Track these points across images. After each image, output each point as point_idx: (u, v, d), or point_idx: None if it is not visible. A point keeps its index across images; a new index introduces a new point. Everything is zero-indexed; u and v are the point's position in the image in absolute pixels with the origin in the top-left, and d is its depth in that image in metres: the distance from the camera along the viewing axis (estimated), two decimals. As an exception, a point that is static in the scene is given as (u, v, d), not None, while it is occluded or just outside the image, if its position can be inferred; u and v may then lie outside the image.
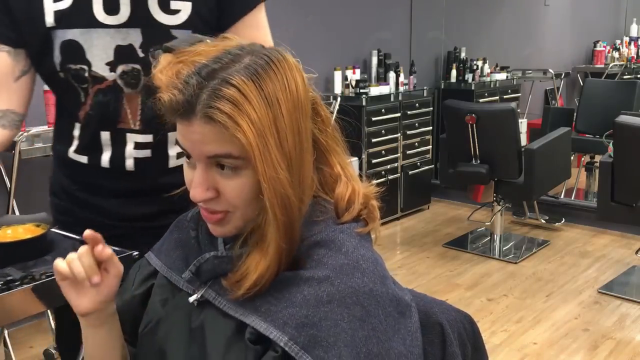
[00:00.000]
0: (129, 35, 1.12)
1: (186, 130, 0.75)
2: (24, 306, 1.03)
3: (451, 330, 0.88)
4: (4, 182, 2.60)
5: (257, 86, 0.73)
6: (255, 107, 0.72)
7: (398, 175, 4.42)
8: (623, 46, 6.75)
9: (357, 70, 4.32)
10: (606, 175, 3.09)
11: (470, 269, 3.61)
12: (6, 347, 2.54)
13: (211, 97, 0.72)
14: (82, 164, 1.22)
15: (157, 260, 0.92)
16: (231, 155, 0.75)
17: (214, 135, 0.74)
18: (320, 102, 0.84)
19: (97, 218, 1.22)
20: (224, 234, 0.83)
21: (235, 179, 0.77)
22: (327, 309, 0.74)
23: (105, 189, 1.23)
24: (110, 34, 1.12)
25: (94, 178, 1.23)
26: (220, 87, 0.72)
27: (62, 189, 1.29)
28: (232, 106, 0.72)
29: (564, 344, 2.74)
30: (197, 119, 0.73)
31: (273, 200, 0.74)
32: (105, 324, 0.88)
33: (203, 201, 0.78)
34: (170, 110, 0.75)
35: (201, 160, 0.77)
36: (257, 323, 0.76)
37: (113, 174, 1.21)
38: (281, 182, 0.74)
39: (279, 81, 0.75)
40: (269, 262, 0.76)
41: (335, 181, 0.84)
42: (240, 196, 0.77)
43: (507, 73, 5.35)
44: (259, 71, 0.74)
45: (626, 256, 3.76)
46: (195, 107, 0.73)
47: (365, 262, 0.78)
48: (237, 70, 0.73)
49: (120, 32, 1.12)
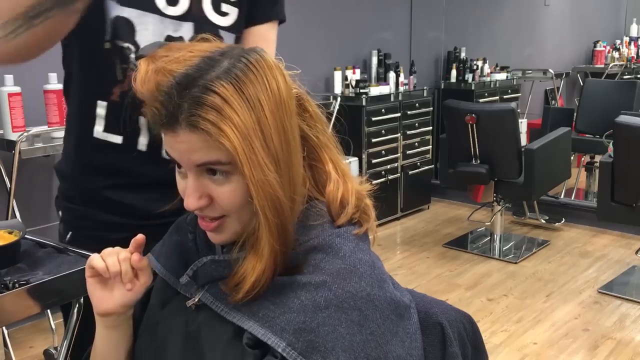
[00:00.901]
0: (182, 27, 1.14)
1: (173, 140, 0.75)
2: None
3: (451, 330, 0.88)
4: (4, 182, 2.60)
5: (237, 90, 0.72)
6: (238, 111, 0.72)
7: (398, 175, 4.42)
8: (623, 46, 6.75)
9: (357, 70, 4.32)
10: (606, 175, 3.09)
11: (470, 269, 3.61)
12: (6, 347, 2.54)
13: (193, 105, 0.72)
14: (115, 145, 1.16)
15: (157, 263, 0.92)
16: (220, 162, 0.75)
17: (200, 143, 0.73)
18: (307, 97, 0.84)
19: (121, 220, 1.18)
20: (223, 241, 0.83)
21: (227, 185, 0.76)
22: (324, 314, 0.74)
23: (135, 176, 1.17)
24: (165, 23, 1.13)
25: (126, 162, 1.16)
26: (201, 95, 0.72)
27: (82, 191, 1.22)
28: (214, 112, 0.72)
29: (564, 344, 2.74)
30: (182, 128, 0.73)
31: (263, 202, 0.74)
32: (121, 327, 0.88)
33: (198, 209, 0.78)
34: (155, 122, 0.76)
35: (191, 169, 0.77)
36: (254, 329, 0.75)
37: (148, 159, 1.16)
38: (270, 184, 0.74)
39: (259, 82, 0.74)
40: (265, 265, 0.76)
41: (327, 179, 0.84)
42: (234, 201, 0.77)
43: (507, 73, 5.35)
44: (239, 74, 0.73)
45: (626, 256, 3.76)
46: (178, 117, 0.73)
47: (363, 265, 0.78)
48: (217, 75, 0.73)
49: (174, 23, 1.13)
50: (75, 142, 1.21)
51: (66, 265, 1.09)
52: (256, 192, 0.74)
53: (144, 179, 1.17)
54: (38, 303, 1.02)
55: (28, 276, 1.05)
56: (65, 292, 1.08)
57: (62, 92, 1.26)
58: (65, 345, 1.20)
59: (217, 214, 0.79)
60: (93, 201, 1.19)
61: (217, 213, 0.79)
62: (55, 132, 2.65)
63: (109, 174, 1.18)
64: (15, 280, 1.02)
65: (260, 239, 0.77)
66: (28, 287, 1.00)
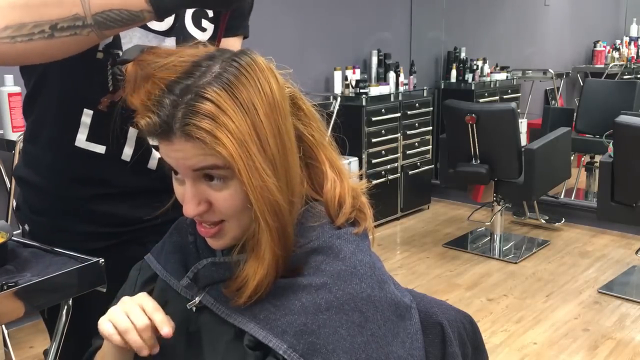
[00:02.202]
0: (164, 42, 1.15)
1: (168, 149, 0.75)
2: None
3: (451, 330, 0.88)
4: (4, 182, 2.60)
5: (230, 95, 0.72)
6: (233, 117, 0.71)
7: (398, 175, 4.42)
8: (623, 46, 6.75)
9: (357, 70, 4.32)
10: (606, 175, 3.09)
11: (470, 269, 3.61)
12: (6, 347, 2.54)
13: (187, 114, 0.71)
14: (97, 154, 1.14)
15: (157, 264, 0.92)
16: (216, 166, 0.74)
17: (195, 150, 0.73)
18: (300, 95, 0.83)
19: (101, 229, 1.15)
20: (223, 246, 0.82)
21: (225, 190, 0.76)
22: (325, 316, 0.74)
23: (118, 185, 1.15)
24: (149, 37, 1.14)
25: (109, 172, 1.14)
26: (195, 103, 0.71)
27: (58, 201, 1.17)
28: (209, 120, 0.71)
29: (564, 344, 2.74)
30: (177, 137, 0.73)
31: (263, 208, 0.74)
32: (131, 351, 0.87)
33: (197, 215, 0.78)
34: (149, 132, 0.75)
35: (188, 175, 0.76)
36: (255, 331, 0.75)
37: (131, 169, 1.15)
38: (269, 189, 0.73)
39: (252, 86, 0.73)
40: (267, 269, 0.76)
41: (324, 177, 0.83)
42: (232, 206, 0.77)
43: (507, 73, 5.35)
44: (231, 79, 0.72)
45: (626, 256, 3.76)
46: (172, 126, 0.72)
47: (363, 267, 0.78)
48: (209, 82, 0.72)
49: (158, 37, 1.14)
50: (51, 150, 1.16)
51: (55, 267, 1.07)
52: (255, 198, 0.73)
53: (127, 189, 1.16)
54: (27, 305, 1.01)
55: (16, 278, 1.04)
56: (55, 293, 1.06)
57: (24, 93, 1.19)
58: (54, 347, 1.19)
59: (216, 218, 0.78)
60: (71, 212, 1.16)
61: (217, 218, 0.78)
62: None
63: (91, 183, 1.15)
64: (4, 282, 1.00)
65: (260, 243, 0.76)
66: (17, 288, 0.99)
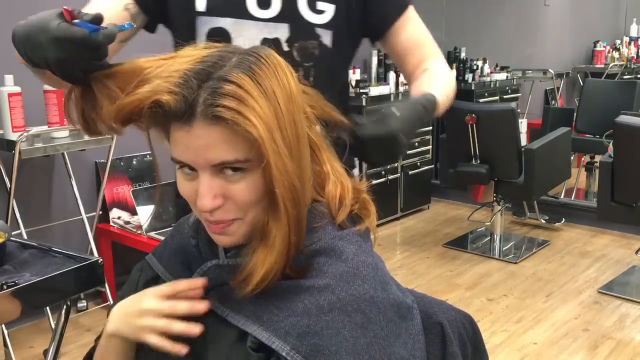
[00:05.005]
0: (277, 29, 1.14)
1: (186, 137, 0.72)
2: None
3: (451, 330, 0.88)
4: (4, 182, 2.60)
5: (254, 81, 0.72)
6: (258, 101, 0.71)
7: (398, 175, 4.42)
8: (623, 46, 6.74)
9: (357, 70, 4.32)
10: (606, 175, 3.09)
11: (470, 269, 3.61)
12: (6, 347, 2.55)
13: (213, 95, 0.70)
14: None
15: (159, 265, 0.91)
16: (238, 161, 0.73)
17: (219, 137, 0.71)
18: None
19: None
20: (231, 244, 0.80)
21: (242, 182, 0.74)
22: (328, 317, 0.74)
23: None
24: (259, 27, 1.14)
25: None
26: (220, 85, 0.70)
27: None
28: (237, 102, 0.70)
29: (564, 344, 2.74)
30: (199, 121, 0.71)
31: (286, 194, 0.73)
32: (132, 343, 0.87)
33: (212, 210, 0.75)
34: (166, 116, 0.72)
35: (206, 170, 0.74)
36: (258, 332, 0.75)
37: None
38: (290, 175, 0.73)
39: (272, 75, 0.73)
40: (276, 257, 0.75)
41: (325, 179, 0.83)
42: (250, 197, 0.75)
43: (507, 73, 5.34)
44: (253, 67, 0.73)
45: (626, 256, 3.76)
46: (195, 109, 0.70)
47: (366, 268, 0.78)
48: (231, 68, 0.72)
49: (269, 25, 1.14)
50: None
51: (54, 267, 1.08)
52: (280, 183, 0.72)
53: None
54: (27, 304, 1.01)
55: (15, 278, 1.04)
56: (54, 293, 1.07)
57: None
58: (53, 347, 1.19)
59: (230, 215, 0.77)
60: None
61: (231, 215, 0.77)
62: (55, 132, 2.65)
63: None
64: (3, 282, 1.01)
65: (270, 231, 0.75)
66: (16, 288, 0.99)
